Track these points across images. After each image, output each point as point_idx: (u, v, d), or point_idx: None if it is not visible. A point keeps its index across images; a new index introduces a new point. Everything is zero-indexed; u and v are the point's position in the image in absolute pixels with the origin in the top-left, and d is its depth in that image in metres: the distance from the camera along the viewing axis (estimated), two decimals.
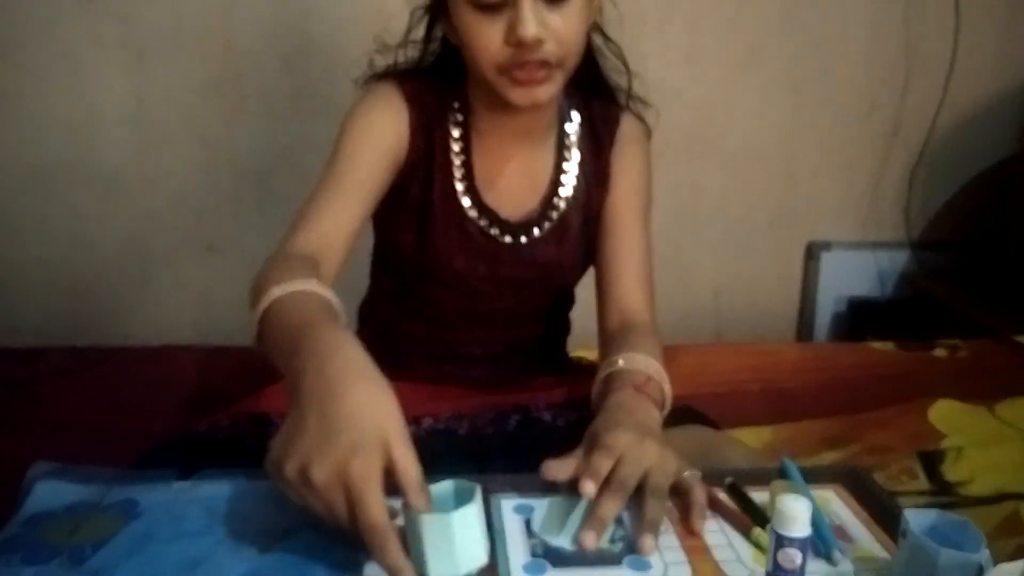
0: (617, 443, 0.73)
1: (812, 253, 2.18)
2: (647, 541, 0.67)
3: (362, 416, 0.61)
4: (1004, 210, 2.05)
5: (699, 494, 0.73)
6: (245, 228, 1.94)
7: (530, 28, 0.85)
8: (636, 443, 0.73)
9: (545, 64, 0.89)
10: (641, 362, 0.90)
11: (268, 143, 1.89)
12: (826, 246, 2.17)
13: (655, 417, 0.86)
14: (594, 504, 0.69)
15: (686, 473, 0.75)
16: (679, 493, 0.74)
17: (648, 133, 1.11)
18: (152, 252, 1.94)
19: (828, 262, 2.17)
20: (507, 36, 0.87)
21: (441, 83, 1.01)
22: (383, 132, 0.97)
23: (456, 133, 1.01)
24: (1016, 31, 2.08)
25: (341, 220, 0.92)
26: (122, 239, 1.92)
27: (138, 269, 1.95)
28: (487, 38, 0.88)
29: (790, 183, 2.14)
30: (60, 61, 1.78)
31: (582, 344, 1.25)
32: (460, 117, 1.01)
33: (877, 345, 1.75)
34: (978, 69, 2.07)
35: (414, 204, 1.01)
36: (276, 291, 0.75)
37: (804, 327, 2.23)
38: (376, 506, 0.58)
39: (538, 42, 0.87)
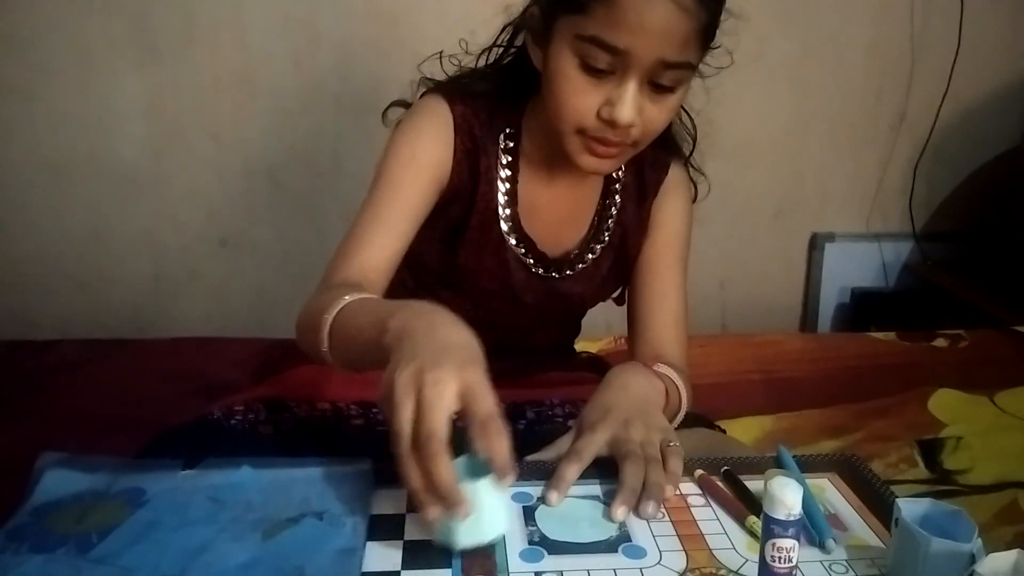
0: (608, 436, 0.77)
1: (816, 244, 2.18)
2: (649, 506, 0.70)
3: (451, 342, 0.66)
4: (1008, 201, 2.04)
5: (674, 463, 0.75)
6: (257, 223, 1.95)
7: (628, 114, 0.83)
8: (622, 430, 0.77)
9: (623, 142, 0.88)
10: (661, 367, 0.93)
11: (279, 139, 1.90)
12: (830, 237, 2.17)
13: (655, 388, 0.88)
14: (623, 477, 0.72)
15: (670, 443, 0.78)
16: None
17: (691, 184, 1.11)
18: (165, 247, 1.95)
19: (832, 253, 2.17)
20: (602, 109, 0.85)
21: (496, 101, 0.98)
22: (427, 161, 0.94)
23: (504, 160, 0.98)
24: (1021, 22, 2.07)
25: (382, 252, 0.92)
26: (136, 234, 1.93)
27: (152, 263, 1.96)
28: (581, 102, 0.85)
29: (794, 174, 2.13)
30: (74, 58, 1.80)
31: (585, 336, 1.26)
32: (511, 143, 0.99)
33: (879, 335, 1.75)
34: (983, 60, 2.06)
35: (451, 223, 0.99)
36: (347, 297, 0.78)
37: (808, 318, 2.23)
38: (442, 417, 0.61)
39: (630, 126, 0.85)
